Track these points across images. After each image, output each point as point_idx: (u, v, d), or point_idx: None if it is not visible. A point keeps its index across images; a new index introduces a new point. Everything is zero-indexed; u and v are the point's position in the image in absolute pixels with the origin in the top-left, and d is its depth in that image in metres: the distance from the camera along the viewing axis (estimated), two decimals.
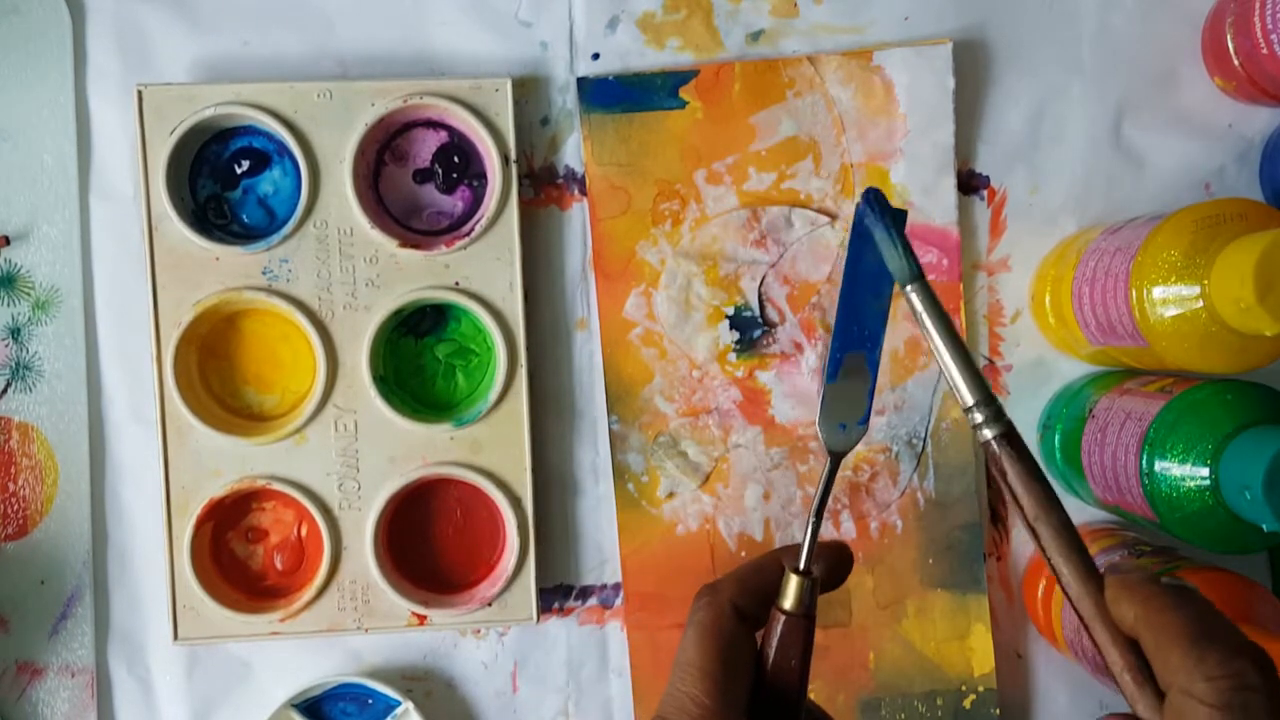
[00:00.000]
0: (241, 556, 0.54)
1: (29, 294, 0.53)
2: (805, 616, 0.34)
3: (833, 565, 0.36)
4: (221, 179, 0.53)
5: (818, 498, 0.35)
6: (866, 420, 0.36)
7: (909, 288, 0.34)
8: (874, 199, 0.35)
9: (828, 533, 0.54)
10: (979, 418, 0.33)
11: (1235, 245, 0.41)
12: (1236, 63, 0.51)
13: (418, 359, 0.54)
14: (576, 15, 0.54)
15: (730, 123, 0.53)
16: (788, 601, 0.34)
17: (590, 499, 0.55)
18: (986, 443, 0.33)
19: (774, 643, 0.34)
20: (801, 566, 0.35)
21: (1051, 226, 0.54)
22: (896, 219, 0.35)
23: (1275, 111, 0.54)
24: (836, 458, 0.36)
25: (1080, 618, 0.32)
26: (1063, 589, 0.33)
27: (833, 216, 0.54)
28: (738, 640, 0.35)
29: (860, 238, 0.35)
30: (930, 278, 0.53)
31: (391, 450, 0.52)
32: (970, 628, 0.54)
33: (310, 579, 0.52)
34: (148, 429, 0.53)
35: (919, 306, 0.34)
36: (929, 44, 0.53)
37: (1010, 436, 0.33)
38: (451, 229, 0.53)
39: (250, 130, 0.53)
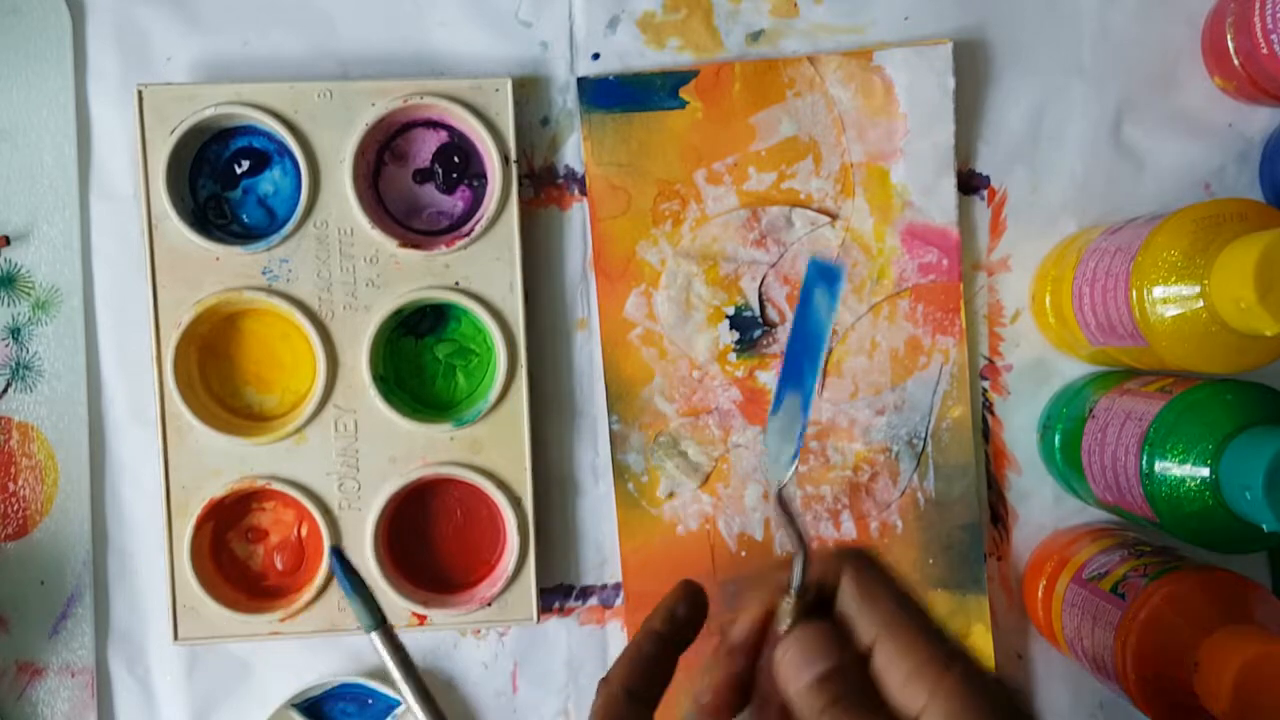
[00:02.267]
0: (241, 556, 0.54)
1: (29, 294, 0.53)
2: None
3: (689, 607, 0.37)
4: (221, 179, 0.53)
5: (795, 531, 0.34)
6: (796, 458, 0.36)
7: (373, 634, 0.41)
8: (336, 557, 0.41)
9: (829, 533, 0.54)
10: None
11: (1235, 245, 0.41)
12: (1236, 63, 0.51)
13: (418, 359, 0.54)
14: (576, 15, 0.54)
15: (730, 123, 0.53)
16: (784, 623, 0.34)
17: (590, 499, 0.55)
18: None
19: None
20: (794, 587, 0.34)
21: (1051, 226, 0.54)
22: (357, 577, 0.41)
23: (1275, 111, 0.54)
24: (781, 489, 0.35)
25: None
26: None
27: (833, 216, 0.54)
28: None
29: (809, 288, 0.36)
30: (930, 278, 0.54)
31: (391, 450, 0.52)
32: (970, 628, 0.54)
33: (310, 579, 0.52)
34: (148, 429, 0.53)
35: (384, 654, 0.41)
36: (929, 44, 0.53)
37: None
38: (451, 229, 0.53)
39: (250, 130, 0.53)
